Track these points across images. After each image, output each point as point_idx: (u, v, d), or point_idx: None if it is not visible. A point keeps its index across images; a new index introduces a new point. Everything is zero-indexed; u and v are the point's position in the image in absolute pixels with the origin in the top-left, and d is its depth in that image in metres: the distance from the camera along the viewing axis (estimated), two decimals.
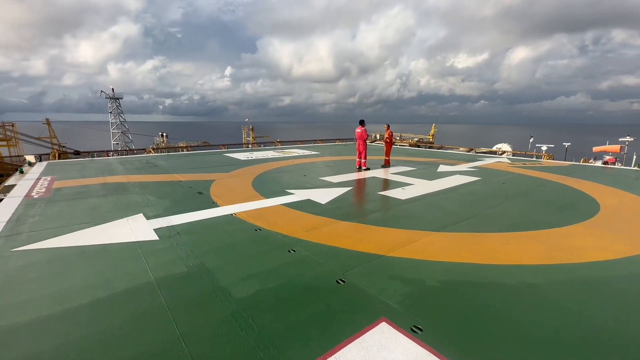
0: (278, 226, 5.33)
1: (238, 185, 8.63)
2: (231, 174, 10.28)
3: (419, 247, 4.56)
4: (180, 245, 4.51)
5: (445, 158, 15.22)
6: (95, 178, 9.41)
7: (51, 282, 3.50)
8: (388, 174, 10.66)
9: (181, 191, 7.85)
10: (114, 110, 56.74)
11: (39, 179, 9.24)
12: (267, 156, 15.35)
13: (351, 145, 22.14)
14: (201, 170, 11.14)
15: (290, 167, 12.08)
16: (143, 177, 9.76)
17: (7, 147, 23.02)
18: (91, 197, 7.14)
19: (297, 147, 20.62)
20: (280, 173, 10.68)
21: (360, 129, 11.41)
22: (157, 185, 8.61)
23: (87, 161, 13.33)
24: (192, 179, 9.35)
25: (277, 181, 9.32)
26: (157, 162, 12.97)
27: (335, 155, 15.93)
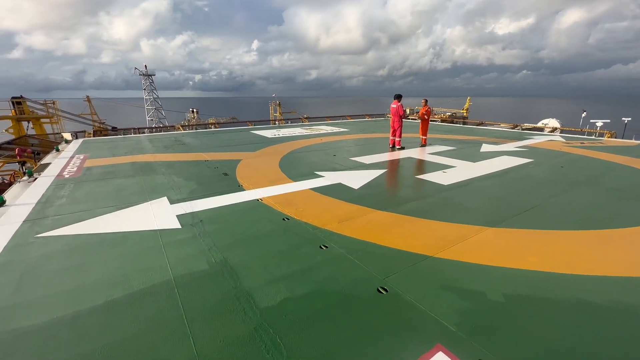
0: (308, 215, 4.83)
1: (264, 166, 8.19)
2: (258, 153, 9.87)
3: (472, 246, 3.88)
4: (203, 235, 4.16)
5: (487, 136, 13.83)
6: (125, 157, 9.39)
7: (68, 276, 3.27)
8: (425, 155, 9.74)
9: (207, 172, 7.55)
10: (148, 87, 58.16)
11: (72, 157, 9.38)
12: (295, 134, 14.79)
13: (381, 121, 20.97)
14: (228, 148, 10.83)
15: (319, 145, 11.46)
16: (170, 156, 9.62)
17: (50, 124, 24.28)
18: (118, 178, 7.03)
19: (325, 123, 19.82)
20: (308, 152, 10.11)
21: (396, 104, 10.42)
22: (183, 165, 8.39)
23: (119, 139, 13.53)
24: (218, 159, 9.05)
25: (305, 162, 8.78)
26: (185, 140, 12.87)
27: (365, 133, 15.03)
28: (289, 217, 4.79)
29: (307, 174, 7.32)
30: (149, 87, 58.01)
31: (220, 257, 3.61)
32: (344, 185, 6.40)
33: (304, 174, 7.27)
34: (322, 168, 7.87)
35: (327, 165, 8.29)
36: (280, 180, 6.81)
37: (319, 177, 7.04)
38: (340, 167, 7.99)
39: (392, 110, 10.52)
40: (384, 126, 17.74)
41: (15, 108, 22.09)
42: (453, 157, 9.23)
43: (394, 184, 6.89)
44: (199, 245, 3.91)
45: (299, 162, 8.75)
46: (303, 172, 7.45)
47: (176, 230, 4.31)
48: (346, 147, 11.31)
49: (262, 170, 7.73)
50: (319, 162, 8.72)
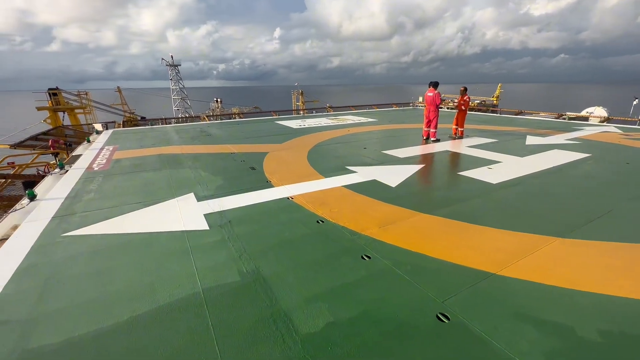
0: (344, 217, 4.39)
1: (292, 159, 7.80)
2: (284, 145, 9.49)
3: (541, 262, 3.29)
4: (232, 239, 3.83)
5: (529, 126, 12.67)
6: (152, 148, 9.32)
7: (92, 283, 3.04)
8: (463, 148, 8.97)
9: (233, 166, 7.27)
10: (174, 77, 59.19)
11: (102, 148, 9.43)
12: (320, 124, 14.28)
13: (410, 111, 20.00)
14: (253, 140, 10.54)
15: (347, 137, 10.91)
16: (197, 147, 9.45)
17: (84, 115, 25.19)
18: (146, 171, 6.89)
19: (351, 113, 19.13)
20: (336, 145, 9.61)
21: (433, 92, 9.62)
22: (209, 157, 8.17)
23: (147, 129, 13.62)
24: (244, 151, 8.76)
25: (335, 155, 8.30)
26: (211, 131, 12.72)
27: (394, 123, 14.26)
28: (324, 219, 4.37)
29: (338, 168, 6.85)
30: (175, 77, 59.06)
31: (251, 267, 3.25)
32: (380, 183, 5.88)
33: (334, 169, 6.81)
34: (354, 162, 7.36)
35: (359, 159, 7.77)
36: (310, 175, 6.39)
37: (351, 172, 6.55)
38: (372, 162, 7.45)
39: (428, 99, 9.74)
40: (414, 116, 16.84)
41: (51, 99, 23.00)
42: (496, 150, 8.41)
43: (436, 182, 6.27)
44: (228, 250, 3.58)
45: (328, 155, 8.28)
46: (334, 167, 6.98)
47: (204, 232, 4.01)
48: (376, 138, 10.69)
49: (291, 164, 7.34)
50: (350, 155, 8.21)
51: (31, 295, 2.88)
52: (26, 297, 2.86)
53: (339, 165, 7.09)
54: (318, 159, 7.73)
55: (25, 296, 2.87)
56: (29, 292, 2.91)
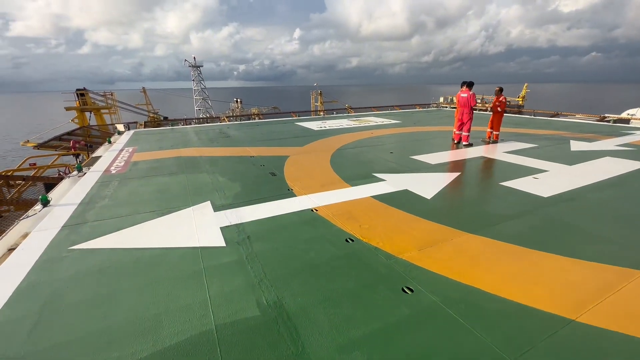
0: (377, 235, 3.86)
1: (315, 164, 7.32)
2: (305, 149, 9.04)
3: (632, 305, 2.63)
4: (251, 259, 3.39)
5: (569, 130, 11.61)
6: (171, 150, 9.10)
7: (93, 313, 2.66)
8: (500, 153, 8.19)
9: (253, 171, 6.87)
10: (196, 77, 60.34)
11: (122, 150, 9.32)
12: (342, 126, 13.76)
13: (434, 112, 19.11)
14: (273, 142, 10.15)
15: (371, 140, 10.33)
16: (215, 150, 9.16)
17: (109, 115, 25.85)
18: (163, 175, 6.61)
19: (372, 114, 18.48)
20: (361, 148, 9.05)
21: (467, 92, 8.89)
22: (228, 161, 7.83)
23: (167, 130, 13.57)
24: (264, 154, 8.36)
25: (360, 160, 7.75)
26: (230, 132, 12.47)
27: (420, 125, 13.52)
28: (353, 237, 3.85)
29: (365, 175, 6.31)
30: (197, 77, 60.20)
31: (273, 297, 2.78)
32: (413, 194, 5.29)
33: (361, 176, 6.27)
34: (381, 168, 6.79)
35: (386, 164, 7.19)
36: (334, 183, 5.88)
37: (379, 180, 6.00)
38: (401, 168, 6.86)
39: (462, 100, 9.00)
40: (439, 117, 16.00)
41: (79, 99, 23.70)
42: (538, 157, 7.60)
43: (476, 194, 5.60)
44: (246, 274, 3.13)
45: (353, 160, 7.74)
46: (359, 174, 6.45)
47: (220, 250, 3.59)
48: (402, 142, 10.04)
49: (313, 169, 6.86)
50: (376, 160, 7.64)
51: (25, 325, 2.53)
52: (19, 328, 2.51)
53: (365, 172, 6.55)
54: (342, 165, 7.21)
55: (18, 327, 2.52)
56: (23, 322, 2.57)
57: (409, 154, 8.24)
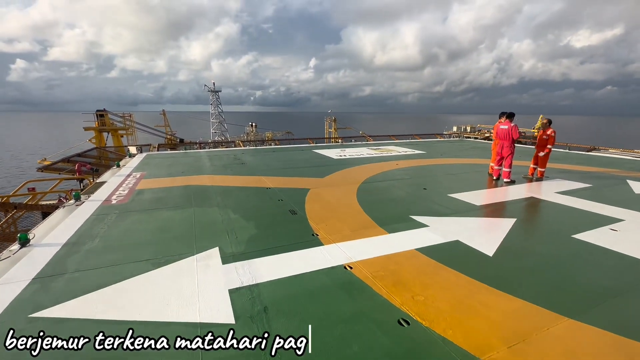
0: (439, 316, 2.81)
1: (340, 200, 6.38)
2: (327, 181, 8.16)
3: None
4: (270, 347, 2.39)
5: (614, 167, 10.39)
6: (181, 177, 8.38)
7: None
8: (551, 194, 7.09)
9: (270, 207, 5.98)
10: (214, 102, 61.97)
11: (129, 175, 8.66)
12: (362, 155, 12.94)
13: (457, 143, 18.19)
14: (291, 172, 9.35)
15: (398, 172, 9.40)
16: (228, 178, 8.39)
17: (126, 136, 25.97)
18: (167, 209, 5.79)
19: (392, 143, 17.70)
20: (389, 182, 8.11)
21: (508, 124, 7.97)
22: (242, 193, 6.99)
23: (179, 154, 13.04)
24: (282, 186, 7.51)
25: (392, 197, 6.78)
26: (245, 159, 11.79)
27: (447, 157, 12.56)
28: (408, 317, 2.80)
29: (402, 218, 5.32)
30: (215, 102, 61.80)
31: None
32: (468, 247, 4.25)
33: (397, 218, 5.29)
34: (419, 209, 5.80)
35: (423, 204, 6.20)
36: (367, 227, 4.91)
37: (420, 225, 4.99)
38: (443, 209, 5.85)
39: (501, 132, 8.07)
40: (465, 149, 15.03)
41: (98, 120, 23.94)
42: (599, 200, 6.46)
43: (552, 252, 4.37)
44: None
45: (383, 197, 6.78)
46: (395, 215, 5.47)
47: (227, 329, 2.60)
48: (433, 176, 9.07)
49: (339, 208, 5.92)
50: (409, 198, 6.67)
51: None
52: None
53: (401, 213, 5.57)
54: (372, 202, 6.25)
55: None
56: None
57: (445, 190, 7.23)
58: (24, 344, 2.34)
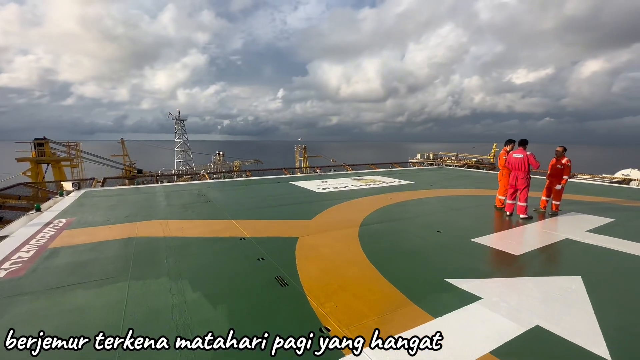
0: None
1: (344, 257, 4.72)
2: (317, 223, 6.50)
3: None
4: None
5: (612, 196, 9.88)
6: (122, 225, 6.28)
7: None
8: (582, 233, 6.02)
9: (247, 272, 4.17)
10: (179, 130, 59.29)
11: (48, 223, 6.39)
12: (346, 186, 11.53)
13: (443, 171, 17.52)
14: (269, 211, 7.58)
15: (396, 209, 7.99)
16: (188, 224, 6.44)
17: (71, 168, 22.61)
18: (86, 285, 3.76)
19: (374, 173, 16.59)
20: (392, 224, 6.61)
21: (523, 152, 6.98)
22: (205, 248, 5.10)
23: (129, 190, 10.73)
24: (260, 234, 5.72)
25: (405, 247, 5.24)
26: (211, 195, 9.83)
27: (439, 187, 11.51)
28: None
29: (436, 284, 3.78)
30: (180, 130, 59.08)
31: None
32: (560, 339, 2.75)
33: (430, 285, 3.73)
34: (449, 267, 4.31)
35: (450, 257, 4.73)
36: (397, 306, 3.27)
37: (468, 297, 3.46)
38: (480, 265, 4.42)
39: (515, 162, 7.05)
40: (452, 177, 14.24)
41: (36, 149, 20.64)
42: (634, 239, 5.46)
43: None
44: None
45: (394, 247, 5.22)
46: (425, 279, 3.92)
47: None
48: (436, 212, 7.76)
49: (345, 269, 4.25)
50: (428, 248, 5.18)
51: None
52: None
53: (430, 275, 4.04)
54: (385, 257, 4.67)
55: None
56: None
57: (463, 233, 5.88)
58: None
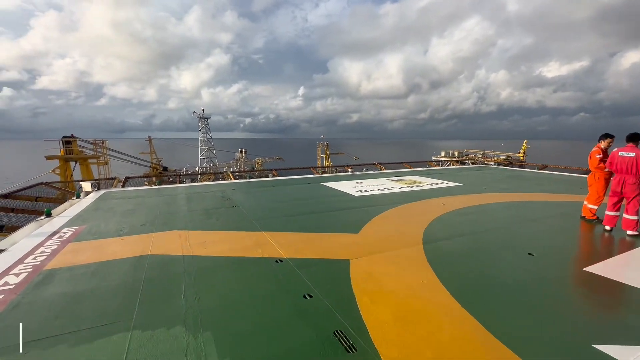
0: None
1: (420, 294, 3.41)
2: (368, 239, 5.22)
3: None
4: None
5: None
6: (135, 237, 5.31)
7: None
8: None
9: (292, 317, 2.97)
10: (203, 128, 60.11)
11: (54, 233, 5.54)
12: (386, 188, 10.18)
13: (487, 170, 15.68)
14: (305, 220, 6.40)
15: (457, 219, 6.56)
16: (212, 235, 5.37)
17: (98, 165, 22.64)
18: (71, 339, 2.72)
19: (412, 172, 15.06)
20: (466, 240, 5.20)
21: (635, 150, 5.37)
22: (234, 270, 3.97)
23: (149, 192, 9.92)
24: (299, 254, 4.52)
25: (497, 279, 3.85)
26: (236, 198, 8.80)
27: (494, 191, 9.88)
28: None
29: (578, 355, 2.43)
30: (204, 128, 59.86)
31: None
32: None
33: (569, 355, 2.38)
34: (595, 327, 2.92)
35: (584, 305, 3.33)
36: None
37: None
38: (626, 319, 3.00)
39: (622, 162, 5.44)
40: (502, 179, 12.46)
41: (64, 147, 20.71)
42: None
43: None
44: None
45: (482, 278, 3.85)
46: (563, 346, 2.57)
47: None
48: (513, 225, 6.24)
49: (428, 315, 2.97)
50: (530, 282, 3.76)
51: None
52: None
53: (559, 333, 2.68)
54: (477, 295, 3.33)
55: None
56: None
57: (564, 256, 4.42)
58: None
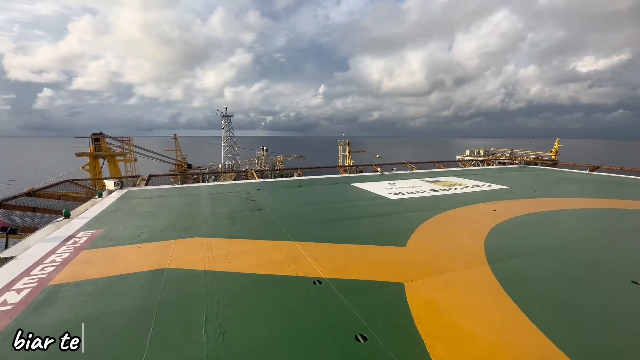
0: None
1: (509, 340, 2.56)
2: (418, 254, 4.38)
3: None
4: None
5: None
6: (155, 245, 4.76)
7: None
8: None
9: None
10: (226, 126, 60.99)
11: (69, 237, 5.09)
12: (423, 190, 9.23)
13: (525, 172, 14.28)
14: (340, 227, 5.64)
15: (518, 228, 5.57)
16: (237, 245, 4.72)
17: (125, 162, 22.97)
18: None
19: (448, 173, 13.92)
20: (540, 260, 4.24)
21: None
22: (264, 293, 3.28)
23: (172, 191, 9.51)
24: (340, 270, 3.77)
25: (606, 319, 2.94)
26: (261, 199, 8.18)
27: (546, 195, 8.70)
28: None
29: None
30: (227, 126, 60.70)
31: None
32: None
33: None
34: None
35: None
36: None
37: None
38: None
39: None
40: (551, 181, 11.14)
41: (93, 144, 21.10)
42: None
43: None
44: None
45: (589, 322, 2.95)
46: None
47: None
48: (595, 240, 5.19)
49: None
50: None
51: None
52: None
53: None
54: (591, 348, 2.45)
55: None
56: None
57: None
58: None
